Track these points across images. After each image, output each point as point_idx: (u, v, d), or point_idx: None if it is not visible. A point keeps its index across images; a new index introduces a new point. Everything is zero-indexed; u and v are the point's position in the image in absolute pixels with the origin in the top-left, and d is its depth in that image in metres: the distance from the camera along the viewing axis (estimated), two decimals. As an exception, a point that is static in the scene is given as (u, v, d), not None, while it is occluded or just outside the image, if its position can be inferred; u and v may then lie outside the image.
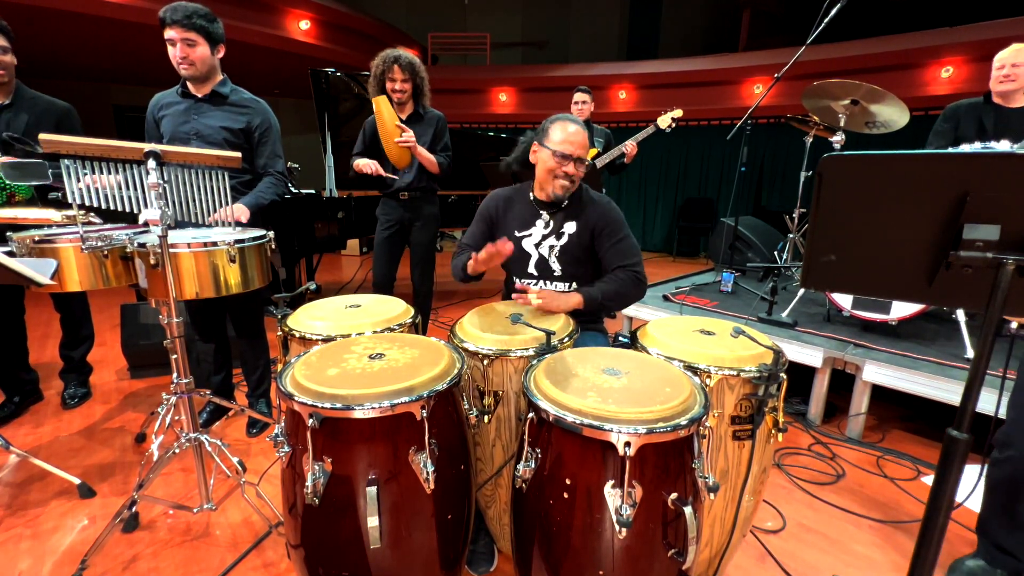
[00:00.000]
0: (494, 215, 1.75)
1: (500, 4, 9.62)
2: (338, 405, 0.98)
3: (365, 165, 2.55)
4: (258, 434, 2.23)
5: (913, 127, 2.98)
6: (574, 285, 1.66)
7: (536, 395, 1.05)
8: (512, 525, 1.19)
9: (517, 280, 1.72)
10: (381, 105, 2.38)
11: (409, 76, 2.45)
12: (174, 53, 1.83)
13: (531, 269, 1.69)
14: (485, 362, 1.29)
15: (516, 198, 1.75)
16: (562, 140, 1.56)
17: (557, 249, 1.64)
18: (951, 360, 2.19)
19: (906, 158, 0.75)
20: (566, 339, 1.37)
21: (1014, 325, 1.46)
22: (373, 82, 2.51)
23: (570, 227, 1.64)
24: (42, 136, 1.30)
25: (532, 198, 1.71)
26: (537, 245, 1.67)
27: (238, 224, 1.83)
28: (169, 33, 1.80)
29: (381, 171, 2.55)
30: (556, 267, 1.65)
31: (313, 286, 1.75)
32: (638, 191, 7.97)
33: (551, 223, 1.66)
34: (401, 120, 2.57)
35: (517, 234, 1.69)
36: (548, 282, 1.67)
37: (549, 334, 1.29)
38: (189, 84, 1.95)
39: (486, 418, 1.31)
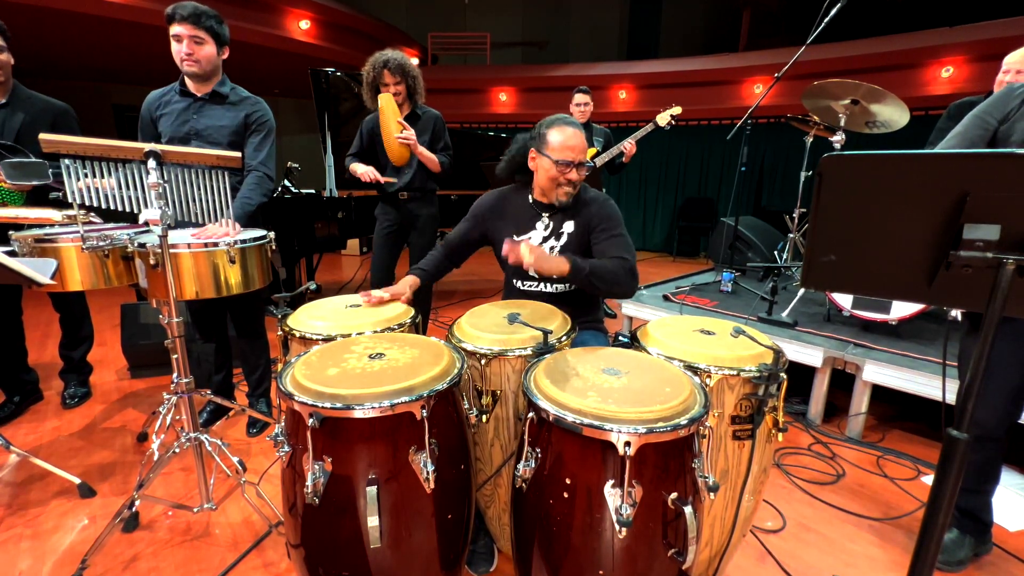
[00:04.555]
0: (486, 216, 1.74)
1: (500, 4, 9.61)
2: (338, 405, 0.98)
3: (364, 173, 2.52)
4: (258, 434, 2.23)
5: (913, 127, 2.98)
6: (572, 285, 1.65)
7: (536, 395, 1.05)
8: (512, 525, 1.19)
9: (517, 283, 1.72)
10: (385, 102, 2.38)
11: (401, 78, 2.44)
12: (179, 49, 1.83)
13: (531, 272, 1.68)
14: (483, 362, 1.29)
15: (512, 200, 1.73)
16: (562, 147, 1.53)
17: (557, 250, 1.63)
18: (951, 360, 2.19)
19: (906, 158, 0.75)
20: (563, 338, 1.37)
21: (955, 314, 1.48)
22: (368, 89, 2.50)
23: (569, 227, 1.63)
24: (42, 136, 1.30)
25: (531, 200, 1.69)
26: None
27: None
28: (177, 29, 1.80)
29: (379, 177, 2.53)
30: None
31: (313, 286, 1.75)
32: (638, 191, 7.97)
33: (551, 225, 1.66)
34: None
35: (516, 238, 1.68)
36: (548, 283, 1.67)
37: (546, 333, 1.29)
38: (189, 83, 1.94)
39: (484, 418, 1.31)
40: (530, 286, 1.69)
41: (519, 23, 9.77)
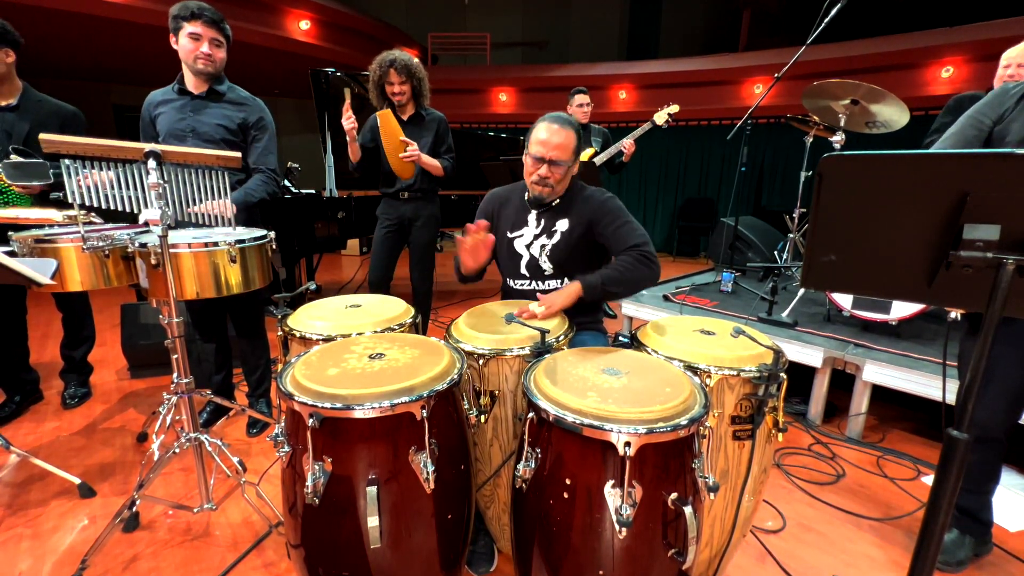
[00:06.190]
0: (489, 215, 1.76)
1: (500, 4, 9.62)
2: (338, 405, 0.98)
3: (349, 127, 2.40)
4: (258, 434, 2.23)
5: (913, 127, 2.98)
6: (567, 281, 1.64)
7: (536, 395, 1.05)
8: (512, 525, 1.19)
9: (511, 282, 1.72)
10: (384, 120, 2.37)
11: (406, 78, 2.45)
12: (194, 47, 1.84)
13: (523, 270, 1.68)
14: (481, 362, 1.29)
15: (511, 198, 1.75)
16: (535, 141, 1.55)
17: (548, 248, 1.63)
18: (951, 360, 2.19)
19: (906, 158, 0.75)
20: (561, 337, 1.37)
21: (954, 315, 1.48)
22: (373, 88, 2.51)
23: (562, 224, 1.62)
24: (42, 136, 1.30)
25: (526, 197, 1.71)
26: (528, 246, 1.66)
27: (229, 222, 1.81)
28: (195, 28, 1.82)
29: (355, 124, 2.42)
30: (547, 266, 1.64)
31: (313, 286, 1.75)
32: (638, 191, 7.97)
33: (542, 222, 1.65)
34: (403, 121, 2.56)
35: (509, 235, 1.69)
36: (540, 282, 1.67)
37: (544, 333, 1.29)
38: (189, 81, 1.95)
39: (482, 418, 1.31)
40: (523, 285, 1.69)
41: (519, 23, 9.78)
